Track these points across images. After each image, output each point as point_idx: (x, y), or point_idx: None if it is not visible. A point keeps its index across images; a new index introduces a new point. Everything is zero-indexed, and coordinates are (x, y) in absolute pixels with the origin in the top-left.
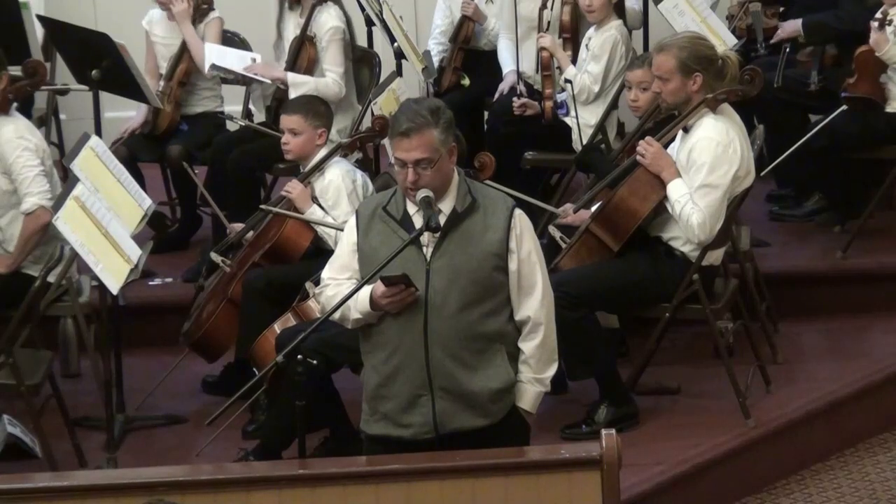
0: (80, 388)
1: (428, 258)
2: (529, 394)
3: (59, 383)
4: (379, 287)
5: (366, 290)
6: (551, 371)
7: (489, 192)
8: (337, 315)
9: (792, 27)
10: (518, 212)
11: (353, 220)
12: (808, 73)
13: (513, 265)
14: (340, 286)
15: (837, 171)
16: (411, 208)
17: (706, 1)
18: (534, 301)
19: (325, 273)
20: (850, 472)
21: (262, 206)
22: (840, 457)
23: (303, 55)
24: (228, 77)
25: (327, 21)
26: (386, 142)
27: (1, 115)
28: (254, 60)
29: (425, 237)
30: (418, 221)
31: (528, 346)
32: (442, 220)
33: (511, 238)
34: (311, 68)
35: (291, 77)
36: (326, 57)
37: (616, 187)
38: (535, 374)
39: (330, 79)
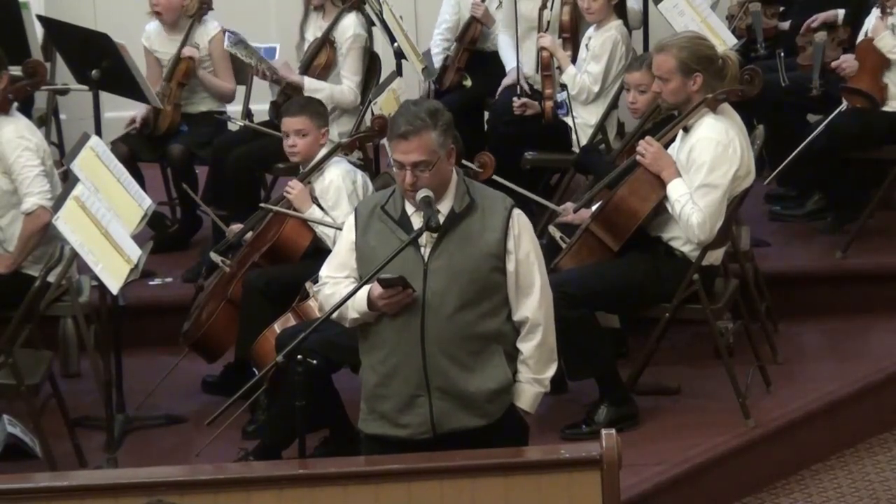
0: (80, 388)
1: (426, 258)
2: (528, 394)
3: (59, 383)
4: (376, 288)
5: (363, 290)
6: (550, 371)
7: (488, 192)
8: (335, 314)
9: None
10: (516, 212)
11: (351, 219)
12: (809, 77)
13: (510, 266)
14: (338, 285)
15: (837, 171)
16: (409, 208)
17: (706, 1)
18: (532, 301)
19: (324, 271)
20: (851, 472)
21: (262, 205)
22: (840, 457)
23: (320, 57)
24: (247, 60)
25: (349, 28)
26: (386, 142)
27: (1, 114)
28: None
29: (423, 237)
30: (416, 221)
31: (526, 346)
32: (440, 220)
33: (509, 239)
34: (325, 71)
35: (308, 83)
36: (345, 64)
37: (616, 187)
38: (534, 374)
39: (346, 86)
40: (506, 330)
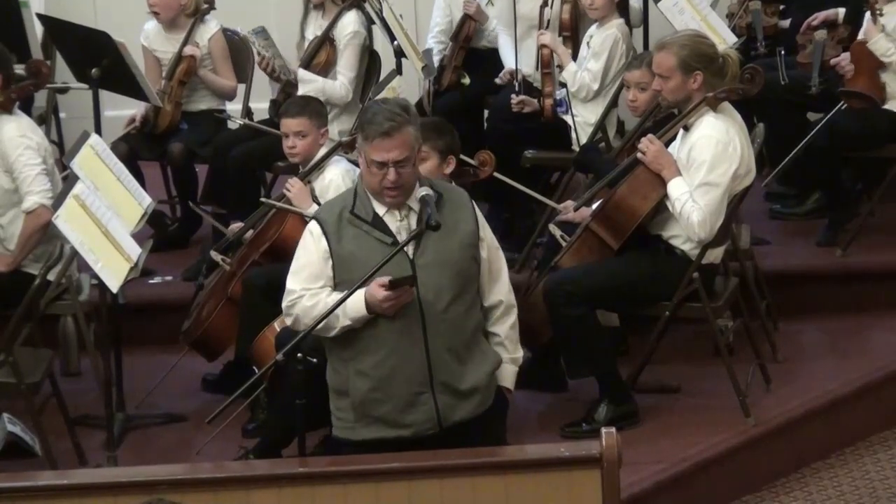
0: (80, 387)
1: (410, 256)
2: (510, 373)
3: (59, 382)
4: (378, 291)
5: (355, 296)
6: (521, 351)
7: (446, 185)
8: (320, 325)
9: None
10: (473, 201)
11: (317, 229)
12: (808, 75)
13: (484, 253)
14: (317, 295)
15: (837, 170)
16: (380, 209)
17: None
18: (503, 285)
19: (294, 285)
20: (851, 471)
21: (263, 200)
22: (840, 455)
23: (320, 55)
24: (262, 52)
25: (348, 25)
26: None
27: (3, 113)
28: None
29: (401, 236)
30: (390, 221)
31: (502, 328)
32: (413, 218)
33: (480, 227)
34: (325, 70)
35: (301, 73)
36: (341, 60)
37: (616, 186)
38: (511, 353)
39: (339, 82)
40: (481, 318)
